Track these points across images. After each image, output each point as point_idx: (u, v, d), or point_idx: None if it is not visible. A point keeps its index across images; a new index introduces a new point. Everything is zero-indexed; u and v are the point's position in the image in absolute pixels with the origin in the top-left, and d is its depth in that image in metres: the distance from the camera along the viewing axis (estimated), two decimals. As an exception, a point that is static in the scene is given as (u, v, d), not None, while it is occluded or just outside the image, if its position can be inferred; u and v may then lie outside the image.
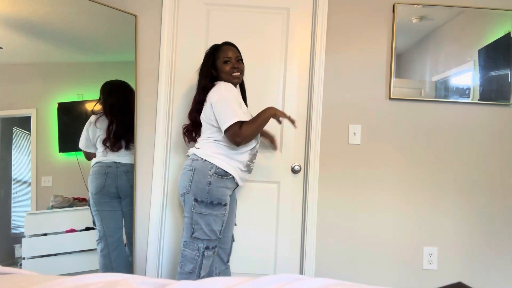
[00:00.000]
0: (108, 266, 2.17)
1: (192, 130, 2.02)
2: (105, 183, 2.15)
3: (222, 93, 1.81)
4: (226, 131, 1.78)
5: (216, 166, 1.81)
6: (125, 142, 2.24)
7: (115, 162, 2.19)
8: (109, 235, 2.20)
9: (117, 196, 2.22)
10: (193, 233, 1.81)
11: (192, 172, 1.81)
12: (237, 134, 1.75)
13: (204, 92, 1.91)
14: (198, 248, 1.81)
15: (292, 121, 1.85)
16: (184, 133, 2.07)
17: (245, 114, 1.83)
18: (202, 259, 1.81)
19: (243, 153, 1.88)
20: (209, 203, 1.80)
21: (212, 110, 1.83)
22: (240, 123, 1.76)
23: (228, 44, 1.99)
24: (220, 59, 1.94)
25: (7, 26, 1.86)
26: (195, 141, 2.03)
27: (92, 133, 2.14)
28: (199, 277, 1.80)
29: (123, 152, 2.23)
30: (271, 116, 1.83)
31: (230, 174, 1.85)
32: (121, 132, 2.22)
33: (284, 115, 1.84)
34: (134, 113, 2.32)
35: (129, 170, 2.23)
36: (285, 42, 2.40)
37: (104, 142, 2.14)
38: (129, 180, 2.22)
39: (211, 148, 1.85)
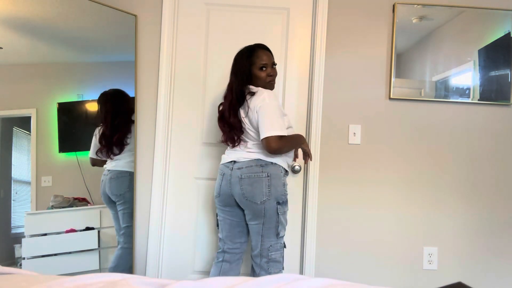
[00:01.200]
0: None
1: (234, 135, 1.92)
2: (101, 191, 2.21)
3: (266, 102, 1.81)
4: (266, 138, 1.79)
5: (282, 167, 1.92)
6: (119, 147, 2.26)
7: (108, 170, 2.23)
8: (118, 235, 2.30)
9: (111, 200, 2.25)
10: (278, 234, 1.89)
11: (268, 178, 1.84)
12: (275, 142, 1.78)
13: (242, 98, 1.87)
14: (281, 244, 1.92)
15: (310, 157, 2.03)
16: (226, 141, 1.96)
17: (285, 124, 1.88)
18: (283, 252, 1.94)
19: (290, 153, 2.01)
20: (285, 201, 1.91)
21: (257, 117, 1.83)
22: (279, 136, 1.80)
23: (263, 48, 1.94)
24: (256, 65, 1.90)
25: (7, 26, 1.86)
26: (234, 145, 1.95)
27: (98, 143, 2.19)
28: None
29: (117, 157, 2.25)
30: (301, 145, 1.99)
31: (288, 172, 2.00)
32: (116, 138, 2.24)
33: (308, 151, 2.02)
34: (128, 119, 2.32)
35: (113, 177, 2.23)
36: (285, 42, 2.40)
37: (100, 151, 2.18)
38: (111, 187, 2.22)
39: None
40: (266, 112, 1.80)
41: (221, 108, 1.99)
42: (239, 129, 1.90)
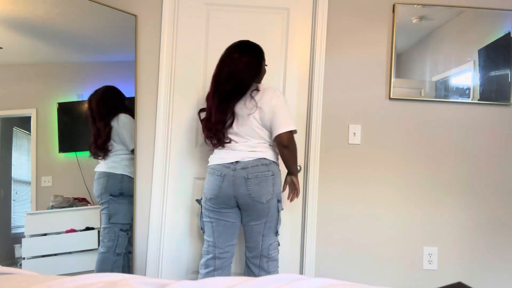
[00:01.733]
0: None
1: (219, 134, 1.87)
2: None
3: (281, 98, 1.84)
4: (284, 133, 1.80)
5: (279, 166, 1.93)
6: (103, 151, 2.22)
7: (95, 172, 2.21)
8: None
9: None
10: (277, 232, 1.91)
11: (273, 177, 1.85)
12: (292, 139, 1.84)
13: (243, 93, 1.82)
14: (278, 242, 1.93)
15: (293, 195, 2.02)
16: (213, 144, 1.91)
17: None
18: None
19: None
20: (281, 198, 1.93)
21: (271, 113, 1.80)
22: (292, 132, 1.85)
23: None
24: (264, 61, 1.96)
25: (7, 26, 1.86)
26: (223, 144, 1.89)
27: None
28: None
29: (101, 159, 2.23)
30: (296, 172, 2.00)
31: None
32: (103, 138, 2.20)
33: (298, 187, 2.02)
34: (115, 118, 2.28)
35: (95, 178, 2.20)
36: (285, 42, 2.40)
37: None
38: (94, 189, 2.20)
39: (272, 151, 1.90)
40: (283, 107, 1.82)
41: (203, 115, 1.94)
42: (221, 129, 1.85)
